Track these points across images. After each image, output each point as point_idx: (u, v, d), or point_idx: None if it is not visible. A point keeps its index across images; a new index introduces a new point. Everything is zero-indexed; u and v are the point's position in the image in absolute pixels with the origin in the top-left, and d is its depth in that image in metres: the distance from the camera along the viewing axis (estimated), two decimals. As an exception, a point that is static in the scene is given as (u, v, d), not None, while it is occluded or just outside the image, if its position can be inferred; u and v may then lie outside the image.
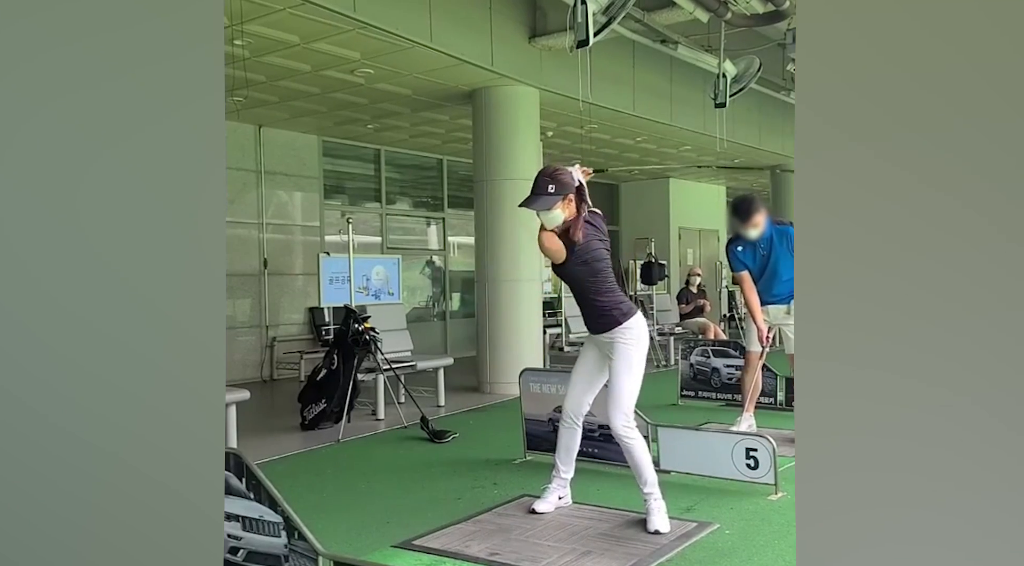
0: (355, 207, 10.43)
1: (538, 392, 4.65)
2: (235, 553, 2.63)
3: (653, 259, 11.06)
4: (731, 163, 12.43)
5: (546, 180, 3.42)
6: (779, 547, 3.20)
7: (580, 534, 3.40)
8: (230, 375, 7.88)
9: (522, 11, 7.37)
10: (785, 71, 8.82)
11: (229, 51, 5.85)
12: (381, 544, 3.35)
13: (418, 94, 7.85)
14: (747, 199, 5.09)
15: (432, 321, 11.42)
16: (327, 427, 5.99)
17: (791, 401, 5.93)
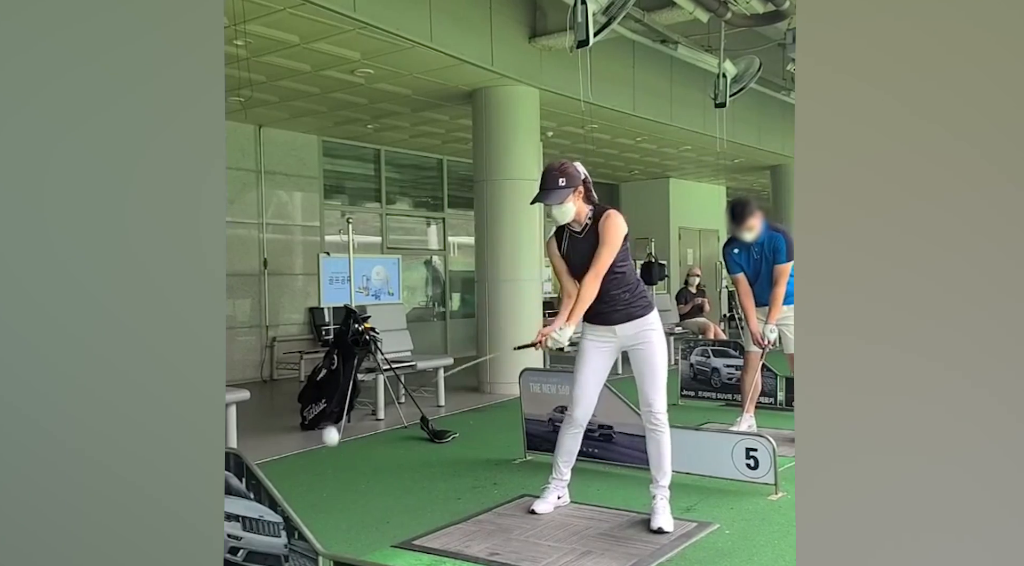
0: (355, 207, 10.43)
1: (538, 392, 4.65)
2: (235, 553, 2.63)
3: (653, 259, 11.07)
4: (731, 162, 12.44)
5: (555, 174, 3.47)
6: (779, 547, 3.20)
7: (580, 534, 3.40)
8: (230, 375, 7.88)
9: (522, 11, 7.37)
10: (785, 71, 8.82)
11: (229, 51, 5.85)
12: (381, 544, 3.35)
13: (418, 94, 7.85)
14: (742, 202, 5.11)
15: (432, 321, 11.42)
16: (327, 427, 5.98)
17: (791, 401, 5.93)
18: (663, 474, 3.52)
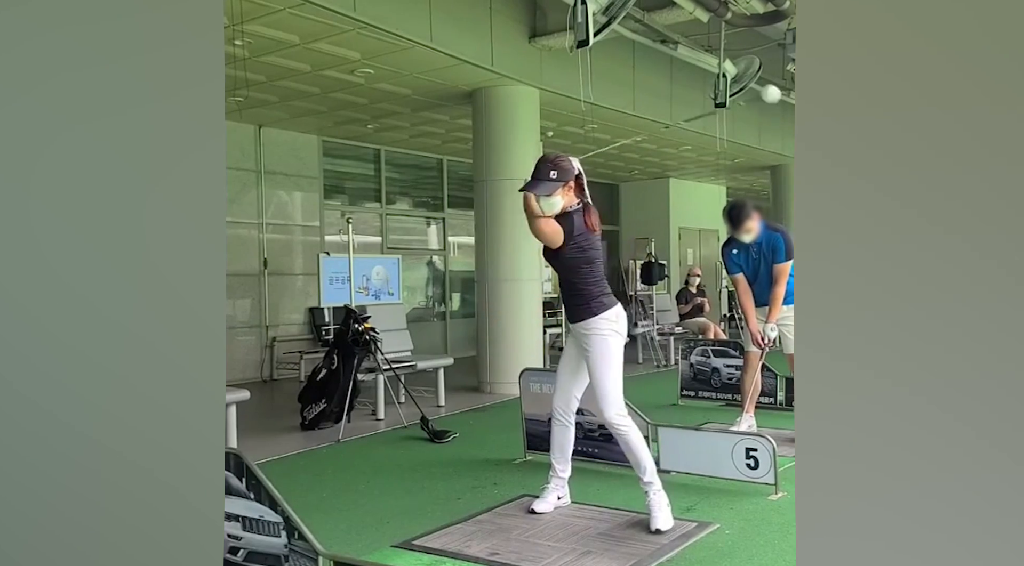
0: (355, 207, 10.42)
1: (538, 392, 4.65)
2: (235, 553, 2.63)
3: (653, 259, 11.06)
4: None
5: (548, 166, 3.45)
6: (779, 547, 3.20)
7: (580, 534, 3.40)
8: (230, 375, 7.87)
9: (522, 11, 7.37)
10: (785, 71, 8.82)
11: (229, 51, 5.85)
12: (381, 544, 3.35)
13: (418, 94, 7.85)
14: (739, 204, 5.12)
15: (432, 321, 11.42)
16: (327, 427, 5.99)
17: (791, 401, 5.93)
18: (643, 470, 3.48)
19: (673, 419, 5.25)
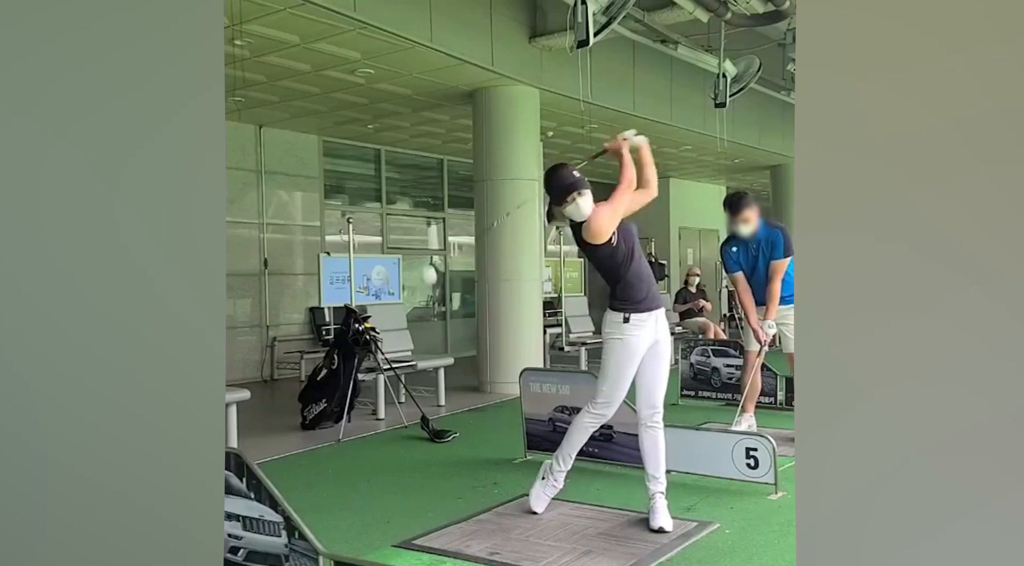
0: (355, 207, 10.43)
1: (538, 392, 4.65)
2: (235, 553, 2.64)
3: (653, 259, 11.07)
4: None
5: (565, 170, 3.75)
6: (779, 547, 3.20)
7: (580, 534, 3.40)
8: (230, 375, 7.88)
9: (522, 11, 7.37)
10: (785, 71, 8.82)
11: (229, 51, 5.85)
12: (381, 544, 3.35)
13: (418, 94, 7.85)
14: (738, 193, 5.21)
15: (432, 321, 11.42)
16: (327, 427, 5.99)
17: (791, 401, 5.93)
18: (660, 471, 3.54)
19: (673, 419, 5.23)
